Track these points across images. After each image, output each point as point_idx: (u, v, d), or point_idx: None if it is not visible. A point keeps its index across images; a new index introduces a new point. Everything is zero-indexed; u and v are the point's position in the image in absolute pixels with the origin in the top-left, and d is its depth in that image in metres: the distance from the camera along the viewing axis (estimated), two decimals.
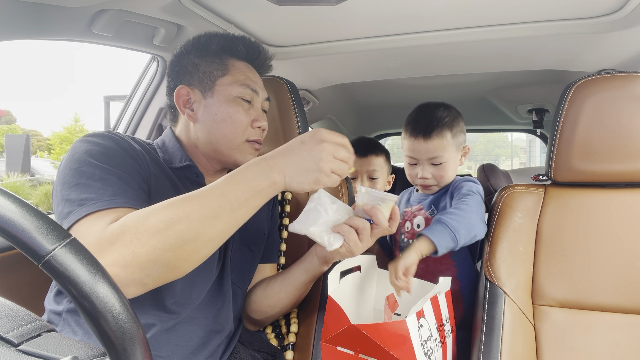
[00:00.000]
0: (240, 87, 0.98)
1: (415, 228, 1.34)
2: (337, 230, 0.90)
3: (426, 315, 0.92)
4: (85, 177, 0.77)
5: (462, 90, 2.45)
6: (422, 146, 1.29)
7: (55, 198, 0.79)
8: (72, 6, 1.05)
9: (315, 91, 2.19)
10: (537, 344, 1.04)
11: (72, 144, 0.84)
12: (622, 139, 1.06)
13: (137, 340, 0.39)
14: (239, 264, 1.04)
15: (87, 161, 0.79)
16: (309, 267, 1.03)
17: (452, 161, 1.30)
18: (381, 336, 0.85)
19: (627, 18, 1.28)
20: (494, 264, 1.10)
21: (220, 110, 0.96)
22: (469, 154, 1.37)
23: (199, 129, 0.98)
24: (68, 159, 0.81)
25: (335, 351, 0.94)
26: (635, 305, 1.02)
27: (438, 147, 1.28)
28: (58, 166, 0.83)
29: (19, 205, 0.38)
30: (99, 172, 0.78)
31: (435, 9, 1.29)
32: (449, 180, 1.33)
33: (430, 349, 0.90)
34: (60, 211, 0.75)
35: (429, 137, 1.28)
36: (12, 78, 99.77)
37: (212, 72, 0.98)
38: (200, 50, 1.00)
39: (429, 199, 1.35)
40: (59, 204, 0.76)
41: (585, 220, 1.09)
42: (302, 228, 0.89)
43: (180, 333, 0.89)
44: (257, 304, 1.08)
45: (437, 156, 1.28)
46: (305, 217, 0.90)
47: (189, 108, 0.98)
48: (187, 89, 0.98)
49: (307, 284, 1.06)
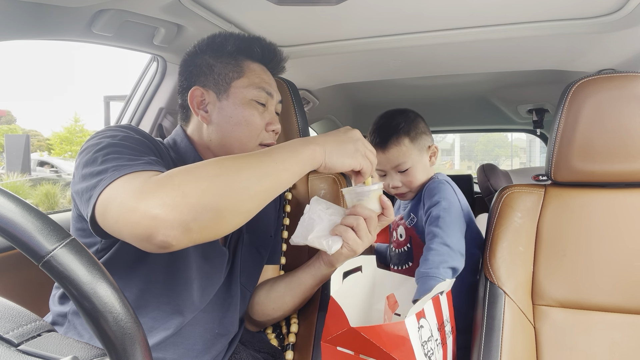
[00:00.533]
0: (255, 89, 0.96)
1: (399, 238, 1.35)
2: (335, 233, 0.90)
3: (427, 316, 0.92)
4: (115, 153, 0.74)
5: (462, 90, 2.45)
6: (383, 157, 1.29)
7: (80, 177, 0.75)
8: (72, 6, 1.05)
9: (315, 91, 2.19)
10: (537, 344, 1.04)
11: (96, 134, 0.82)
12: (622, 139, 1.06)
13: (137, 340, 0.39)
14: (248, 266, 1.04)
15: (113, 143, 0.77)
16: (316, 272, 1.03)
17: (418, 165, 1.30)
18: (380, 338, 0.85)
19: (627, 18, 1.28)
20: (493, 264, 1.10)
21: (235, 113, 0.95)
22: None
23: (212, 131, 0.96)
24: (92, 145, 0.78)
25: (335, 351, 0.95)
26: (635, 305, 1.02)
27: (398, 155, 1.28)
28: (78, 156, 0.80)
29: (19, 205, 0.38)
30: (127, 150, 0.76)
31: (435, 9, 1.29)
32: (420, 183, 1.32)
33: (430, 349, 0.90)
34: (89, 183, 0.71)
35: (386, 147, 1.28)
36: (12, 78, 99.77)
37: (228, 73, 0.96)
38: (215, 50, 0.98)
39: (407, 209, 1.36)
40: (86, 178, 0.72)
41: (585, 220, 1.09)
42: (301, 239, 0.91)
43: (186, 336, 0.89)
44: (261, 306, 1.08)
45: (400, 163, 1.28)
46: (302, 228, 0.91)
47: (203, 109, 0.96)
48: (202, 90, 0.96)
49: (314, 288, 1.06)
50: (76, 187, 0.76)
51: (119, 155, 0.73)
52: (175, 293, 0.86)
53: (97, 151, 0.75)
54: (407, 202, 1.38)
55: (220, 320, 0.95)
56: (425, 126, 1.34)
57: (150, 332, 0.84)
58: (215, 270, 0.94)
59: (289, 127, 1.23)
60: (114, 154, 0.74)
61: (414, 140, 1.29)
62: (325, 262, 1.01)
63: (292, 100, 1.24)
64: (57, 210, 1.55)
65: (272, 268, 1.16)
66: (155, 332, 0.84)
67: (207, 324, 0.93)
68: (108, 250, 0.82)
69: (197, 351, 0.90)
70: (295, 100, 1.24)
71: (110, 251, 0.82)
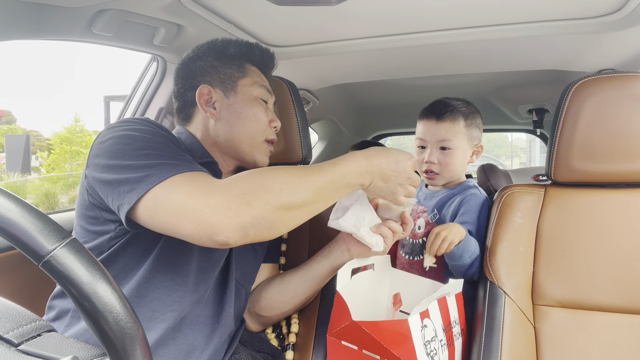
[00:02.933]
0: (259, 88, 1.03)
1: (417, 229, 1.34)
2: (378, 232, 0.95)
3: (431, 316, 0.92)
4: (150, 149, 0.78)
5: (462, 90, 2.45)
6: (433, 127, 1.29)
7: (107, 167, 0.77)
8: (72, 6, 1.05)
9: (315, 91, 2.19)
10: (537, 344, 1.04)
11: (118, 124, 0.84)
12: (622, 139, 1.06)
13: (137, 340, 0.39)
14: (243, 262, 1.05)
15: (144, 137, 0.80)
16: (335, 261, 1.04)
17: (460, 150, 1.29)
18: (382, 334, 0.85)
19: (627, 18, 1.28)
20: (494, 264, 1.10)
21: (244, 108, 1.00)
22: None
23: (220, 127, 1.00)
24: (119, 137, 0.80)
25: (340, 345, 0.96)
26: (634, 305, 1.02)
27: (449, 130, 1.28)
28: (101, 144, 0.81)
29: (19, 205, 0.38)
30: (163, 147, 0.80)
31: (435, 9, 1.29)
32: (454, 173, 1.31)
33: (434, 349, 0.90)
34: (128, 176, 0.74)
35: (441, 118, 1.29)
36: (13, 78, 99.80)
37: (233, 73, 1.02)
38: (218, 53, 1.03)
39: (434, 202, 1.34)
40: (119, 170, 0.75)
41: (585, 220, 1.09)
42: (351, 227, 0.92)
43: (186, 332, 0.90)
44: (269, 300, 1.08)
45: (446, 139, 1.28)
46: (353, 216, 0.93)
47: (211, 106, 1.00)
48: (209, 87, 1.00)
49: (328, 277, 1.08)
50: (101, 176, 0.77)
51: (159, 153, 0.78)
52: (176, 284, 0.88)
53: (127, 144, 0.78)
54: (434, 196, 1.35)
55: (218, 315, 0.96)
56: (481, 123, 1.35)
57: (150, 322, 0.84)
58: (213, 264, 0.96)
59: (289, 127, 1.23)
60: (150, 150, 0.77)
61: (468, 126, 1.30)
62: (351, 252, 1.03)
63: (292, 100, 1.24)
64: (57, 210, 1.55)
65: (271, 267, 1.17)
66: (155, 322, 0.85)
67: (205, 319, 0.93)
68: (120, 239, 0.84)
69: (197, 345, 0.91)
70: (295, 100, 1.24)
71: (123, 240, 0.84)
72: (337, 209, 0.95)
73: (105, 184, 0.77)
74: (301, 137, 1.23)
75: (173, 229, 0.71)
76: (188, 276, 0.89)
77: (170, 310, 0.87)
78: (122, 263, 0.85)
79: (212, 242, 0.70)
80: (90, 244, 0.84)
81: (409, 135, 3.42)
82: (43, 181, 9.12)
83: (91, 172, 0.80)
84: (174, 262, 0.88)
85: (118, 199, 0.75)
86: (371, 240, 0.93)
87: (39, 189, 7.10)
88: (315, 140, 3.14)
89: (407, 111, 2.70)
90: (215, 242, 0.70)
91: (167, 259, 0.87)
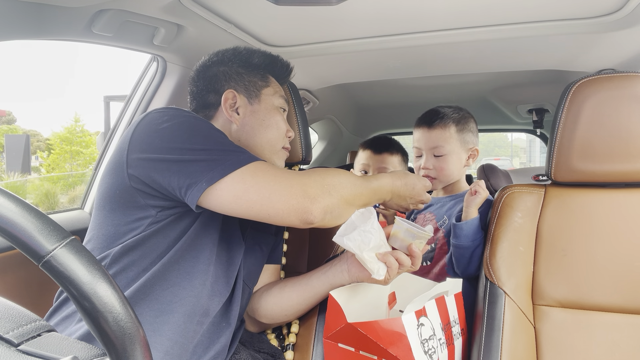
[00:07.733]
0: (280, 98, 1.08)
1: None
2: (384, 260, 0.91)
3: (429, 315, 0.92)
4: (213, 137, 0.85)
5: (462, 90, 2.45)
6: (426, 135, 1.34)
7: (167, 149, 0.81)
8: (72, 6, 1.05)
9: (315, 91, 2.19)
10: (537, 344, 1.04)
11: (175, 111, 0.88)
12: (622, 139, 1.06)
13: (137, 340, 0.39)
14: (250, 261, 1.06)
15: (205, 126, 0.87)
16: (334, 281, 1.02)
17: (454, 155, 1.32)
18: (377, 334, 0.85)
19: (627, 18, 1.28)
20: (494, 264, 1.10)
21: (268, 116, 1.05)
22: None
23: (242, 132, 1.03)
24: (177, 124, 0.85)
25: (336, 348, 0.95)
26: (635, 305, 1.02)
27: (440, 137, 1.31)
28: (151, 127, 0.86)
29: (19, 205, 0.38)
30: (223, 136, 0.88)
31: (435, 9, 1.29)
32: (451, 177, 1.34)
33: (432, 347, 0.90)
34: (196, 157, 0.80)
35: (432, 126, 1.33)
36: (13, 78, 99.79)
37: (257, 82, 1.06)
38: (243, 61, 1.07)
39: (443, 210, 1.35)
40: (185, 152, 0.80)
41: (585, 220, 1.09)
42: (354, 247, 0.89)
43: (202, 323, 0.91)
44: (269, 310, 1.08)
45: (439, 146, 1.31)
46: (359, 236, 0.90)
47: (235, 111, 1.03)
48: (234, 93, 1.03)
49: (327, 294, 1.05)
50: (164, 156, 0.81)
51: (223, 141, 0.86)
52: (198, 271, 0.90)
53: (193, 129, 0.85)
54: (443, 205, 1.37)
55: (226, 312, 0.97)
56: (475, 127, 1.38)
57: (169, 306, 0.86)
58: (232, 260, 0.98)
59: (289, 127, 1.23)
60: (217, 138, 0.85)
61: (460, 131, 1.33)
62: (351, 276, 1.00)
63: (292, 100, 1.24)
64: (57, 210, 1.55)
65: (273, 268, 1.17)
66: (174, 305, 0.86)
67: (215, 317, 0.94)
68: (159, 224, 0.86)
69: (204, 343, 0.91)
70: (295, 100, 1.24)
71: (160, 224, 0.86)
72: (347, 226, 0.91)
73: (171, 163, 0.80)
74: (301, 137, 1.24)
75: (260, 208, 0.80)
76: (207, 268, 0.91)
77: (188, 296, 0.88)
78: (154, 246, 0.87)
79: (300, 220, 0.81)
80: (121, 231, 0.86)
81: (409, 135, 3.42)
82: (43, 181, 9.11)
83: (145, 155, 0.82)
84: (197, 253, 0.90)
85: (189, 177, 0.79)
86: (372, 266, 0.89)
87: (39, 189, 7.09)
88: (315, 140, 3.14)
89: (407, 111, 2.70)
90: (303, 221, 0.81)
91: (193, 248, 0.90)
